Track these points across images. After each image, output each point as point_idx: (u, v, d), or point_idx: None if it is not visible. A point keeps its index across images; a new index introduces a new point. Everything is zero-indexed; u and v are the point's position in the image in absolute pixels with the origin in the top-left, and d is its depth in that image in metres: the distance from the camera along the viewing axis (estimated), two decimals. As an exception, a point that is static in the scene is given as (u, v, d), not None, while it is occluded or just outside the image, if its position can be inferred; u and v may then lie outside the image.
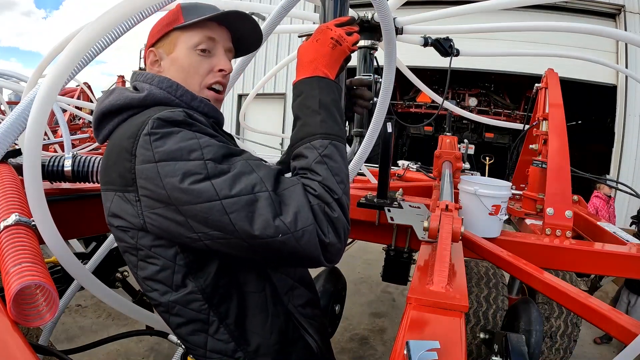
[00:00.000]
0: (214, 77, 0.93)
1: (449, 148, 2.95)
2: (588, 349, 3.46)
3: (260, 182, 0.73)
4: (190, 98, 0.88)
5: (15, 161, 1.21)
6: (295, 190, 0.74)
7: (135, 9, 0.84)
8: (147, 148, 0.73)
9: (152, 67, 0.93)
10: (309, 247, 0.72)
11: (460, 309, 0.83)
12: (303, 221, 0.71)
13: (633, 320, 1.07)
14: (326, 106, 0.84)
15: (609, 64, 4.36)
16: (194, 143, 0.73)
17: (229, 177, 0.72)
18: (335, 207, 0.76)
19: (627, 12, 7.83)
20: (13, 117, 0.96)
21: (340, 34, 0.91)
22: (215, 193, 0.70)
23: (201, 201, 0.70)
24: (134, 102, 0.83)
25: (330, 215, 0.75)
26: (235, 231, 0.70)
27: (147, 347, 3.05)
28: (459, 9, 2.16)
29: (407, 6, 2.60)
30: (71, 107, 4.55)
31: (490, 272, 2.54)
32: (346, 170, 0.84)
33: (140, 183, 0.74)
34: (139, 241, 0.80)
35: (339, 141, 0.83)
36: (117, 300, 1.17)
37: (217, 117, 0.93)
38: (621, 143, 7.91)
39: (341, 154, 0.83)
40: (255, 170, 0.74)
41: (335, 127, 0.84)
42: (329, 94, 0.86)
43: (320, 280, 2.11)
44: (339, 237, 0.76)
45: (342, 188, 0.79)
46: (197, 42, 0.90)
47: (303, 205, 0.72)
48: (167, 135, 0.73)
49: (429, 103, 10.07)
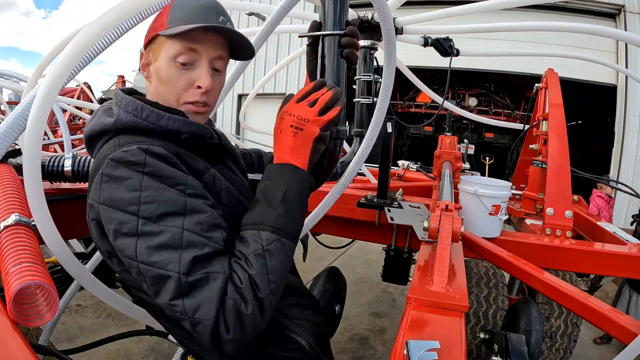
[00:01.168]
0: (193, 96, 0.86)
1: (449, 148, 2.95)
2: (588, 349, 3.46)
3: (178, 262, 0.70)
4: (157, 118, 0.82)
5: (15, 161, 1.21)
6: (212, 281, 0.71)
7: (135, 9, 0.84)
8: (96, 188, 0.76)
9: (143, 70, 0.92)
10: (202, 336, 0.71)
11: (460, 309, 0.83)
12: (202, 314, 0.69)
13: (633, 320, 1.07)
14: (288, 201, 0.79)
15: (609, 64, 4.36)
16: (134, 196, 0.73)
17: (153, 244, 0.71)
18: (251, 306, 0.71)
19: (627, 12, 7.83)
20: (13, 117, 0.96)
21: (299, 116, 0.82)
22: (135, 255, 0.72)
23: (124, 255, 0.73)
24: (107, 127, 0.84)
25: (242, 312, 0.70)
26: (149, 290, 0.73)
27: (147, 347, 3.05)
28: (459, 9, 2.16)
29: (407, 6, 2.60)
30: (71, 107, 4.55)
31: (490, 272, 2.54)
32: (285, 271, 0.79)
33: (90, 215, 0.80)
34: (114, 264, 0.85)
35: (288, 239, 0.78)
36: (117, 300, 1.17)
37: (192, 130, 0.85)
38: (621, 143, 7.91)
39: (285, 252, 0.78)
40: (183, 247, 0.71)
41: (291, 224, 0.79)
42: (296, 188, 0.81)
43: (320, 280, 2.11)
44: (243, 334, 0.71)
45: (272, 288, 0.74)
46: (176, 53, 0.83)
47: (211, 300, 0.69)
48: (115, 180, 0.74)
49: (429, 103, 10.07)
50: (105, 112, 0.87)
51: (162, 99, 0.87)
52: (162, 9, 0.86)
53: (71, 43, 0.81)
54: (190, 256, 0.71)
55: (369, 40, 2.00)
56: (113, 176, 0.74)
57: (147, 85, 0.93)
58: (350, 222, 2.18)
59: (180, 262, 0.70)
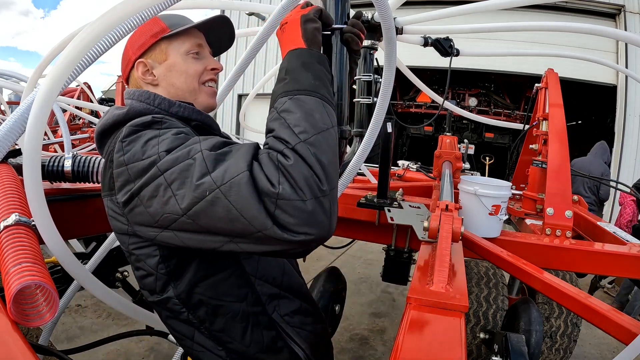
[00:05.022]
0: (208, 75, 1.01)
1: (449, 148, 2.95)
2: (588, 349, 3.46)
3: (198, 147, 0.70)
4: (168, 105, 0.91)
5: (15, 161, 1.21)
6: (235, 150, 0.70)
7: (136, 9, 0.84)
8: (120, 154, 0.77)
9: (144, 77, 0.97)
10: (241, 203, 0.62)
11: (460, 309, 0.83)
12: (232, 172, 0.64)
13: (633, 320, 1.07)
14: (292, 70, 0.80)
15: (609, 63, 4.35)
16: (154, 142, 0.75)
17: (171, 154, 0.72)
18: (289, 154, 0.66)
19: (627, 12, 7.83)
20: (14, 118, 0.96)
21: (284, 20, 0.92)
22: (158, 170, 0.71)
23: (149, 181, 0.72)
24: (120, 118, 0.88)
25: (282, 162, 0.65)
26: (176, 204, 0.69)
27: (147, 347, 3.05)
28: (459, 9, 2.16)
29: (407, 6, 2.60)
30: (71, 107, 4.54)
31: (490, 272, 2.54)
32: (318, 122, 0.72)
33: (117, 185, 0.78)
34: (129, 246, 0.85)
35: (303, 94, 0.75)
36: (117, 300, 1.17)
37: (202, 119, 0.95)
38: (621, 143, 7.91)
39: (305, 104, 0.74)
40: (201, 140, 0.74)
41: (302, 83, 0.77)
42: (297, 60, 0.82)
43: (320, 281, 2.11)
44: (298, 189, 0.63)
45: (304, 137, 0.68)
46: (189, 48, 0.98)
47: (238, 158, 0.66)
48: (136, 139, 0.77)
49: (429, 103, 10.08)
50: (117, 108, 0.91)
51: (177, 90, 0.96)
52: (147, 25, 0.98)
53: (72, 43, 0.81)
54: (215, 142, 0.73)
55: (369, 40, 2.00)
56: (133, 137, 0.77)
57: (151, 90, 0.96)
58: (350, 222, 2.17)
59: (202, 147, 0.71)
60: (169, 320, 0.91)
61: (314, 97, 0.76)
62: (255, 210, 0.63)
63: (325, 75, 0.82)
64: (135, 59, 0.97)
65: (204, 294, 0.85)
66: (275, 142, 0.69)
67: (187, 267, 0.84)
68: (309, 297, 1.05)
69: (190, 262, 0.84)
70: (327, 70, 0.84)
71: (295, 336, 0.95)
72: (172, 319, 0.90)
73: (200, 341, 0.89)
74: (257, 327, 0.90)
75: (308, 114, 0.72)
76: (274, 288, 0.94)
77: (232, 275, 0.87)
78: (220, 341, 0.89)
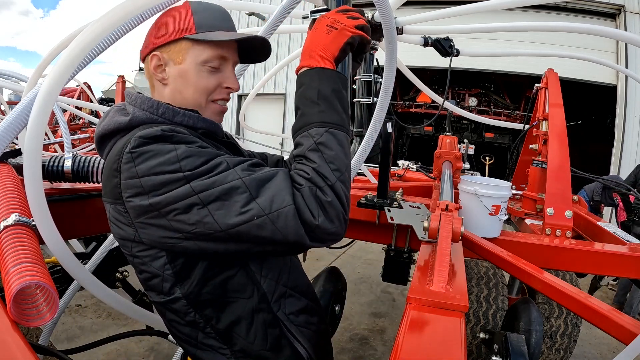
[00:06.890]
0: (221, 94, 0.95)
1: (449, 148, 2.95)
2: (588, 349, 3.45)
3: (234, 172, 0.75)
4: (172, 114, 0.87)
5: (15, 161, 1.21)
6: (274, 175, 0.76)
7: (137, 9, 0.84)
8: (130, 165, 0.76)
9: (155, 72, 0.90)
10: (286, 230, 0.73)
11: (460, 309, 0.83)
12: (279, 203, 0.72)
13: (633, 320, 1.07)
14: (325, 97, 0.84)
15: (609, 63, 4.34)
16: (172, 156, 0.75)
17: (204, 176, 0.74)
18: (328, 192, 0.76)
19: (627, 12, 7.83)
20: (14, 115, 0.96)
21: (335, 19, 0.89)
22: (192, 190, 0.73)
23: (179, 199, 0.74)
24: (122, 126, 0.86)
25: (322, 198, 0.75)
26: (215, 222, 0.73)
27: (147, 347, 3.05)
28: (459, 9, 2.16)
29: (407, 6, 2.60)
30: (71, 107, 4.54)
31: (490, 272, 2.54)
32: (345, 160, 0.83)
33: (125, 196, 0.78)
34: (133, 250, 0.84)
35: (337, 129, 0.83)
36: (117, 300, 1.17)
37: (208, 127, 0.91)
38: (621, 143, 7.90)
39: (339, 142, 0.82)
40: (229, 163, 0.77)
41: (334, 116, 0.84)
42: (330, 85, 0.85)
43: (320, 280, 2.11)
44: (331, 221, 0.76)
45: (338, 176, 0.79)
46: (208, 58, 0.89)
47: (282, 189, 0.74)
48: (147, 152, 0.76)
49: (429, 103, 10.06)
50: (119, 112, 0.88)
51: (184, 99, 0.91)
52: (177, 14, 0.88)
53: (73, 43, 0.82)
54: (244, 165, 0.77)
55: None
56: (144, 150, 0.76)
57: (159, 87, 0.93)
58: (350, 222, 2.16)
59: (238, 172, 0.75)
60: (173, 323, 0.90)
61: (343, 133, 0.84)
62: (298, 236, 0.74)
63: (347, 103, 0.89)
64: (153, 47, 0.89)
65: (212, 292, 0.85)
66: (316, 176, 0.77)
67: (195, 266, 0.84)
68: (315, 297, 1.05)
69: (197, 262, 0.84)
70: (347, 94, 0.90)
71: (299, 335, 0.95)
72: (176, 320, 0.89)
73: (205, 342, 0.88)
74: (263, 325, 0.89)
75: (340, 151, 0.82)
76: (280, 286, 0.94)
77: (238, 273, 0.87)
78: (224, 339, 0.88)
